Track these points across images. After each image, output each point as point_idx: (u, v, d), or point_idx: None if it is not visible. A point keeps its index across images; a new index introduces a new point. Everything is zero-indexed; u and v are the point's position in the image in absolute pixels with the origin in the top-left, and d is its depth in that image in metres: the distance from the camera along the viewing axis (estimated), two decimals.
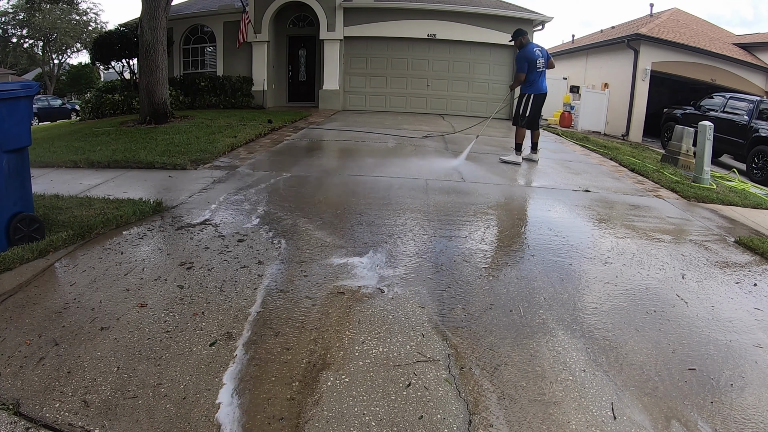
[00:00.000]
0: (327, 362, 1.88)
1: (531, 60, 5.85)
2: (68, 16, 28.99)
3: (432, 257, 2.93)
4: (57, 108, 21.01)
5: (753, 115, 9.32)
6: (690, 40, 13.24)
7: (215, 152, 5.68)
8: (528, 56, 5.86)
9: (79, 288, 2.38)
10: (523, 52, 5.91)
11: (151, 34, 7.80)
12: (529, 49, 5.91)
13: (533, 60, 5.85)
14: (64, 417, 1.57)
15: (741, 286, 2.88)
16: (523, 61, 5.88)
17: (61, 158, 5.19)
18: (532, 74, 5.89)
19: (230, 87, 11.62)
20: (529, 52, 5.87)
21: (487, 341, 2.08)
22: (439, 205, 4.04)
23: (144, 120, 8.06)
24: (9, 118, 2.63)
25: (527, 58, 5.86)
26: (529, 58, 5.85)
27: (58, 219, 3.18)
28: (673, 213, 4.48)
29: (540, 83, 5.97)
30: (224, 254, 2.82)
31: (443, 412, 1.66)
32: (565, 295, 2.56)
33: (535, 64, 5.86)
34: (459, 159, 5.99)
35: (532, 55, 5.86)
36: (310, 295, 2.39)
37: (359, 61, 11.98)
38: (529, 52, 5.88)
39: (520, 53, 5.94)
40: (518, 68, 5.97)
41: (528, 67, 5.84)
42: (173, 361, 1.85)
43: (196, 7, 12.96)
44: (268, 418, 1.60)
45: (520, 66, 5.93)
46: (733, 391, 1.88)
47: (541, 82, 5.99)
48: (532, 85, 5.95)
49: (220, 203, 3.84)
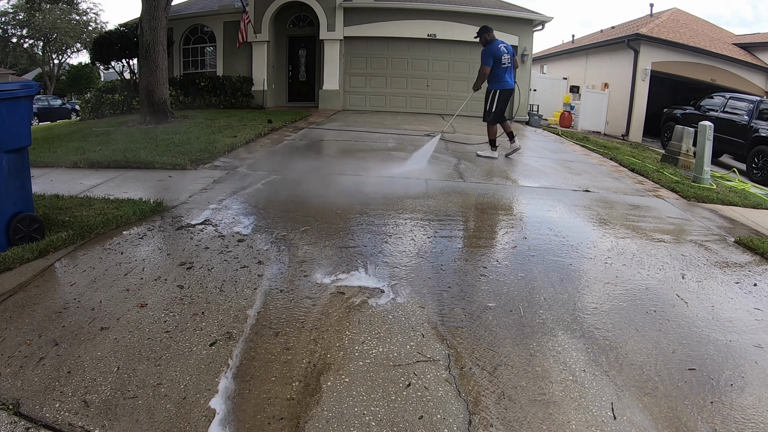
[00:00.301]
0: (327, 362, 1.88)
1: (496, 56, 5.93)
2: (68, 16, 28.96)
3: (432, 257, 2.93)
4: (57, 108, 21.00)
5: (753, 115, 9.32)
6: (690, 40, 13.24)
7: (215, 152, 5.68)
8: (493, 52, 5.94)
9: (79, 288, 2.38)
10: (488, 48, 5.99)
11: (151, 34, 7.81)
12: (494, 45, 5.98)
13: (498, 56, 5.94)
14: (64, 417, 1.57)
15: (741, 286, 2.88)
16: (488, 56, 5.95)
17: (61, 158, 5.19)
18: (498, 70, 5.98)
19: (230, 87, 11.62)
20: (495, 49, 5.95)
21: (486, 341, 2.08)
22: (439, 202, 4.04)
23: (144, 120, 8.06)
24: (9, 118, 2.63)
25: (492, 54, 5.94)
26: (494, 54, 5.93)
27: (58, 219, 3.18)
28: (673, 213, 4.48)
29: (506, 79, 6.06)
30: (224, 254, 2.82)
31: (443, 412, 1.66)
32: (565, 295, 2.56)
33: (501, 60, 5.95)
34: (455, 158, 6.01)
35: (497, 51, 5.95)
36: (310, 295, 2.39)
37: (359, 61, 11.98)
38: (494, 48, 5.96)
39: (486, 49, 6.02)
40: (483, 62, 6.02)
41: (493, 63, 5.93)
42: (173, 361, 1.85)
43: (196, 7, 12.97)
44: (268, 418, 1.60)
45: (485, 60, 5.98)
46: (733, 391, 1.88)
47: (508, 77, 6.08)
48: (499, 81, 6.04)
49: (220, 203, 3.84)
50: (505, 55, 5.99)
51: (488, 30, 6.13)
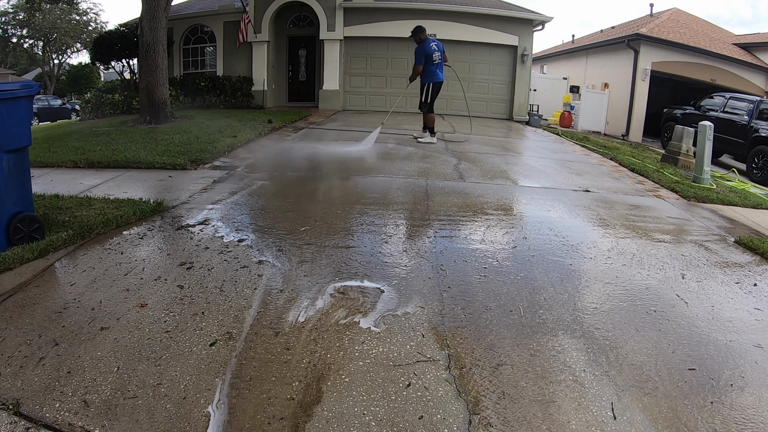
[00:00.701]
0: (327, 362, 1.88)
1: (428, 54, 6.66)
2: (68, 16, 28.97)
3: (432, 257, 2.93)
4: (57, 108, 21.00)
5: (753, 115, 9.32)
6: (690, 40, 13.25)
7: (215, 152, 5.68)
8: (426, 50, 6.66)
9: (79, 288, 2.38)
10: (421, 47, 6.68)
11: (151, 34, 7.81)
12: (426, 44, 6.66)
13: (430, 54, 6.67)
14: (64, 417, 1.57)
15: (741, 286, 2.88)
16: (421, 54, 6.67)
17: (61, 158, 5.19)
18: (431, 66, 6.74)
19: (230, 87, 11.61)
20: (427, 47, 6.65)
21: (487, 341, 2.08)
22: (439, 203, 4.04)
23: (144, 120, 8.06)
24: (9, 118, 2.63)
25: (425, 52, 6.66)
26: (426, 52, 6.66)
27: (58, 219, 3.18)
28: (673, 213, 4.48)
29: (438, 73, 6.85)
30: (224, 254, 2.82)
31: (443, 412, 1.66)
32: (565, 295, 2.56)
33: (432, 57, 6.69)
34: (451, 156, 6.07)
35: (429, 49, 6.66)
36: (310, 294, 2.39)
37: (359, 61, 11.98)
38: (426, 46, 6.65)
39: (419, 47, 6.69)
40: (416, 60, 6.74)
41: (426, 60, 6.68)
42: (173, 361, 1.85)
43: (196, 7, 12.96)
44: (268, 418, 1.60)
45: (418, 59, 6.71)
46: (733, 391, 1.88)
47: (439, 72, 6.87)
48: (432, 76, 6.81)
49: (220, 203, 3.84)
50: (436, 52, 6.71)
51: (422, 30, 6.77)
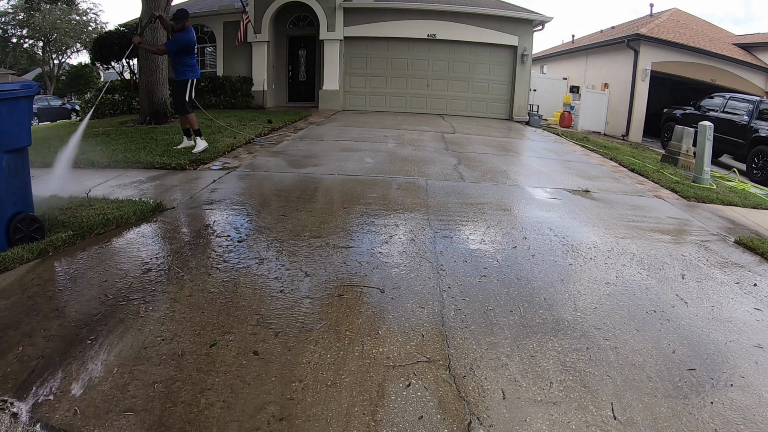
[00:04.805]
0: (327, 362, 1.88)
1: (191, 44, 5.69)
2: (68, 16, 28.96)
3: (432, 257, 2.93)
4: (57, 108, 20.97)
5: (753, 115, 9.32)
6: (690, 40, 13.24)
7: (215, 152, 5.68)
8: (189, 40, 5.64)
9: (79, 288, 2.37)
10: (184, 35, 5.62)
11: (151, 35, 7.81)
12: (191, 32, 5.69)
13: (192, 45, 5.73)
14: (64, 417, 1.57)
15: (741, 286, 2.88)
16: (182, 43, 5.60)
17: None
18: (192, 59, 5.75)
19: (230, 87, 11.62)
20: (191, 37, 5.67)
21: (486, 341, 2.08)
22: (439, 203, 4.04)
23: (144, 120, 8.07)
24: (9, 118, 2.63)
25: (188, 42, 5.64)
26: (189, 42, 5.65)
27: (58, 219, 3.18)
28: (673, 213, 4.48)
29: (198, 69, 5.89)
30: (224, 254, 2.82)
31: (443, 412, 1.66)
32: (565, 295, 2.56)
33: (193, 49, 5.80)
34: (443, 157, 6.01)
35: (192, 40, 5.70)
36: (310, 294, 2.39)
37: (359, 62, 11.98)
38: (190, 36, 5.67)
39: (183, 35, 5.61)
40: (171, 46, 5.68)
41: (186, 51, 5.64)
42: (173, 362, 1.85)
43: (196, 7, 12.94)
44: (268, 418, 1.60)
45: (173, 45, 5.64)
46: (733, 391, 1.88)
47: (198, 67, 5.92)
48: (195, 70, 5.78)
49: (219, 203, 3.84)
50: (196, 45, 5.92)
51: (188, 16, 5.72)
